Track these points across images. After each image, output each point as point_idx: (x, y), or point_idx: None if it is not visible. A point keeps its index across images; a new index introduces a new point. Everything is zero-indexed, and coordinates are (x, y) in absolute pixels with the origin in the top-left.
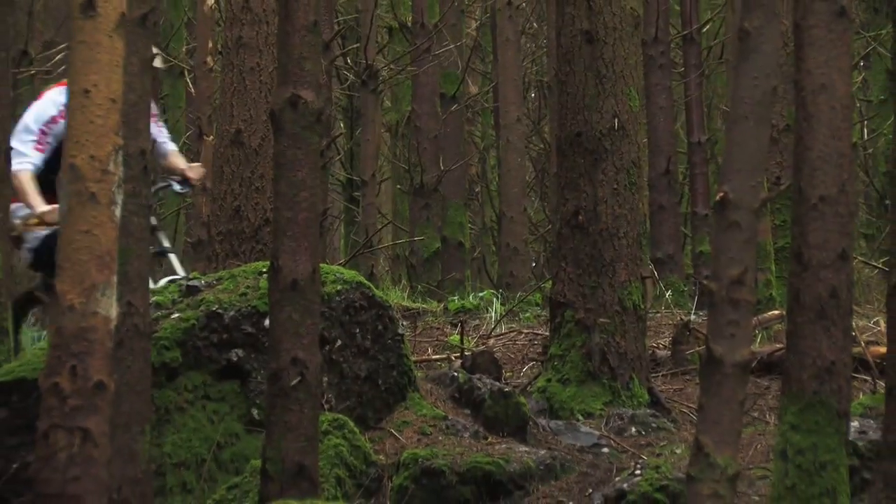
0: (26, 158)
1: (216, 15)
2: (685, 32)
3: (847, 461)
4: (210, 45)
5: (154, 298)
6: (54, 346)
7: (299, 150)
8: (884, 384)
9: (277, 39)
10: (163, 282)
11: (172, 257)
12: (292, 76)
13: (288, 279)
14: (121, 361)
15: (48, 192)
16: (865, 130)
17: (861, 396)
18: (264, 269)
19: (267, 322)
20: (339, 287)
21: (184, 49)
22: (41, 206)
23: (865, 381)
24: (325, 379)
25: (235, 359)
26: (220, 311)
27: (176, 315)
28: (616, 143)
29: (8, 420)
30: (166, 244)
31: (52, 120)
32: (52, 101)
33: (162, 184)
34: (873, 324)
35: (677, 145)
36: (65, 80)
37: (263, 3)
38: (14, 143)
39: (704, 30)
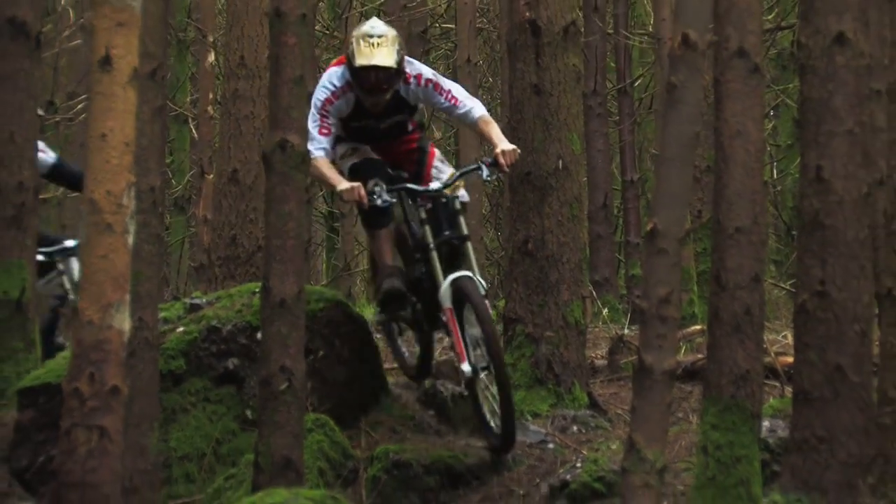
0: (317, 144)
1: (216, 70)
2: (620, 86)
3: (759, 455)
4: (210, 95)
5: (162, 314)
6: (75, 356)
7: (287, 187)
8: (791, 389)
9: (269, 91)
10: None
11: None
12: (281, 123)
13: (277, 298)
14: (133, 369)
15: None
16: (775, 171)
17: (771, 400)
18: (257, 290)
19: (259, 335)
20: (321, 305)
21: (188, 99)
22: (342, 185)
23: (775, 386)
24: (310, 384)
25: (232, 367)
26: (218, 325)
27: (181, 329)
28: (560, 181)
29: (35, 419)
30: None
31: (327, 101)
32: (322, 85)
33: None
34: (782, 337)
35: (613, 183)
36: (340, 58)
37: (256, 59)
38: (309, 124)
39: (636, 84)
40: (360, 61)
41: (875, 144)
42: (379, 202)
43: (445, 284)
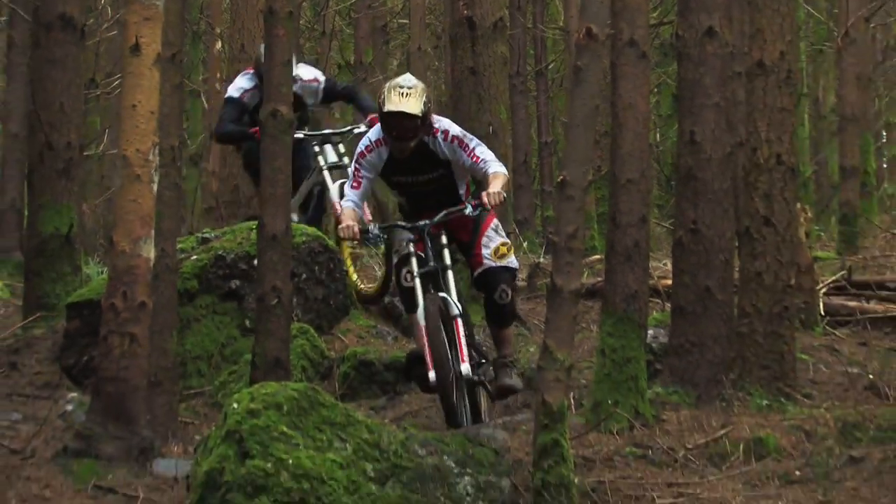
0: (347, 198)
1: (222, 55)
2: (537, 68)
3: (645, 357)
4: (218, 75)
5: (179, 246)
6: (111, 278)
7: (277, 146)
8: (670, 305)
9: (266, 75)
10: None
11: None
12: (273, 97)
13: (270, 233)
14: (156, 288)
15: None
16: (658, 135)
17: (654, 313)
18: (254, 227)
19: (255, 262)
20: (303, 239)
21: (200, 78)
22: (342, 223)
23: (657, 303)
24: (295, 300)
25: (234, 287)
26: (224, 254)
27: (194, 257)
28: (491, 142)
29: (80, 328)
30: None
31: (360, 154)
32: (363, 141)
33: None
34: (662, 265)
35: (531, 144)
36: (376, 117)
37: (253, 47)
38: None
39: (550, 67)
40: (389, 107)
41: (736, 115)
42: (370, 237)
43: (420, 304)
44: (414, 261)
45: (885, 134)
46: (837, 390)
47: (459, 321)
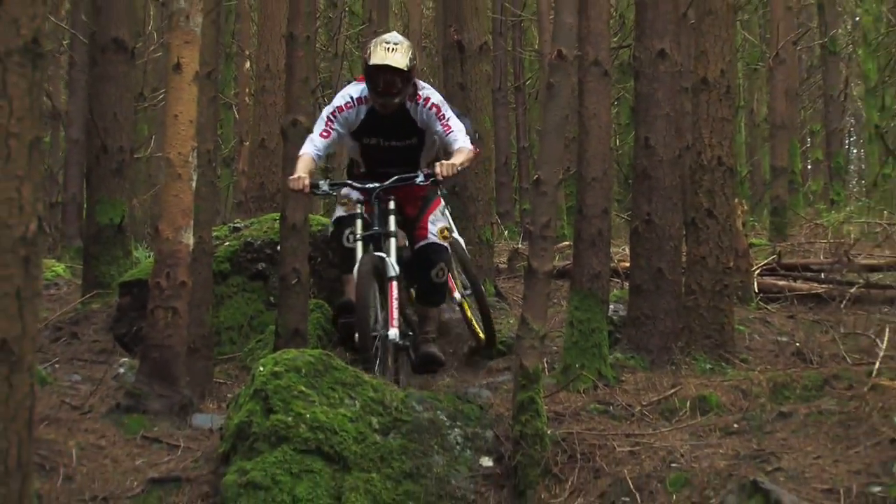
0: (311, 143)
1: (250, 73)
2: (516, 84)
3: (606, 328)
4: (247, 90)
5: (214, 234)
6: (157, 261)
7: (297, 150)
8: (627, 284)
9: (285, 87)
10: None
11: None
12: (293, 108)
13: (290, 223)
14: (195, 269)
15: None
16: (618, 140)
17: (615, 291)
18: (277, 218)
19: (278, 247)
20: (320, 227)
21: (232, 92)
22: (294, 175)
23: (617, 282)
24: (311, 280)
25: (260, 268)
26: (252, 241)
27: (227, 243)
28: (477, 146)
29: (130, 303)
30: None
31: (339, 108)
32: (341, 94)
33: None
34: (622, 250)
35: (511, 148)
36: (362, 76)
37: (277, 66)
38: (316, 124)
39: (527, 83)
40: (375, 61)
41: (684, 123)
42: (319, 192)
43: (359, 259)
44: (359, 223)
45: (808, 140)
46: (769, 356)
47: (394, 284)
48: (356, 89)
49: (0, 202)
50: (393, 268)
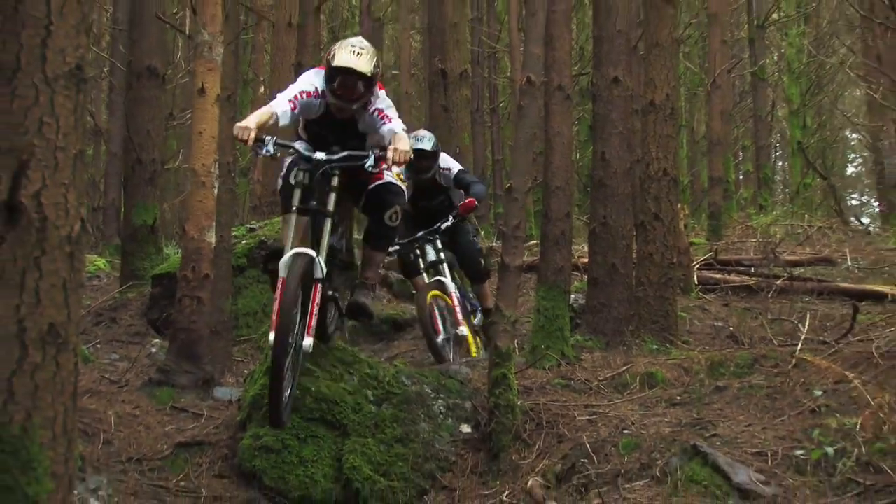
0: (277, 103)
1: (264, 96)
2: (492, 106)
3: (568, 314)
4: None
5: (233, 233)
6: (184, 257)
7: None
8: (586, 277)
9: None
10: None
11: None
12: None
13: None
14: (216, 264)
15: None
16: (578, 154)
17: (575, 283)
18: None
19: None
20: None
21: (249, 112)
22: (243, 122)
23: (577, 275)
24: None
25: (272, 266)
26: (265, 239)
27: (244, 241)
28: (458, 160)
29: (161, 292)
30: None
31: (305, 93)
32: (306, 78)
33: None
34: (581, 248)
35: (487, 161)
36: (322, 65)
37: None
38: (283, 93)
39: (500, 105)
40: (338, 63)
41: (634, 140)
42: (261, 151)
43: (287, 255)
44: (297, 192)
45: (741, 154)
46: (707, 338)
47: (318, 287)
48: (319, 79)
49: (49, 206)
50: (320, 268)
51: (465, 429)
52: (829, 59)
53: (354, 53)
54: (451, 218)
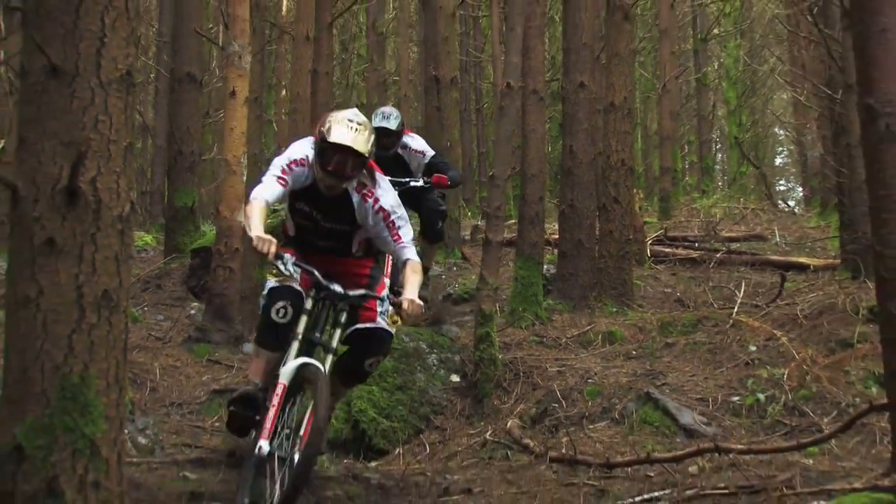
0: (263, 189)
1: (286, 98)
2: (477, 107)
3: (541, 282)
4: (283, 110)
5: None
6: (217, 233)
7: None
8: (557, 251)
9: (311, 108)
10: None
11: None
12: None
13: None
14: (245, 239)
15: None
16: (550, 147)
17: (548, 255)
18: None
19: None
20: None
21: (272, 112)
22: (254, 232)
23: (549, 249)
24: None
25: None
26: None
27: (268, 220)
28: (449, 153)
29: (199, 263)
30: None
31: (294, 162)
32: (297, 146)
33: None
34: (553, 226)
35: (473, 153)
36: (314, 134)
37: (305, 93)
38: (269, 170)
39: (484, 106)
40: (334, 138)
41: (597, 135)
42: (282, 268)
43: (294, 364)
44: (304, 319)
45: (686, 147)
46: (658, 302)
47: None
48: (311, 148)
49: (103, 190)
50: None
51: (455, 378)
52: (761, 67)
53: (353, 129)
54: (422, 181)
